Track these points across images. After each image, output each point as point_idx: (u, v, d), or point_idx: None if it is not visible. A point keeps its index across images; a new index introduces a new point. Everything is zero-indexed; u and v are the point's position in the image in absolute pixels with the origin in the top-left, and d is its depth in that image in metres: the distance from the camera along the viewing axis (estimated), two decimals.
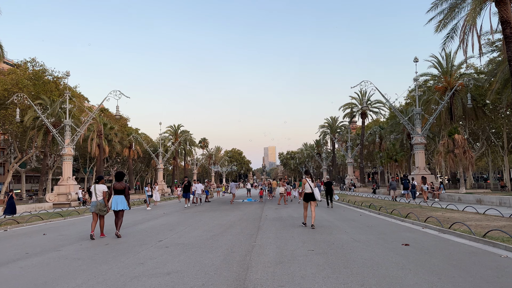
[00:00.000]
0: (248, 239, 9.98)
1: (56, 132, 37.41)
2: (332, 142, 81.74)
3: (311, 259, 7.32)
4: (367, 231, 11.16)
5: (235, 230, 12.10)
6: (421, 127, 36.52)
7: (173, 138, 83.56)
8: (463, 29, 22.96)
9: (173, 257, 7.85)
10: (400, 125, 56.32)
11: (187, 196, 26.31)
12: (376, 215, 16.37)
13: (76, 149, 62.50)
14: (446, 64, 44.64)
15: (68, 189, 36.16)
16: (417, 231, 11.07)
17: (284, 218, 15.86)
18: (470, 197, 24.85)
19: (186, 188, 26.58)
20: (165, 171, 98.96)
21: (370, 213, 17.62)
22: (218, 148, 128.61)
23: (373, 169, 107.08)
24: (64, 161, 37.13)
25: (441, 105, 36.69)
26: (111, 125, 56.63)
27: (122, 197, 11.29)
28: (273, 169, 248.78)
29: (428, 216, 13.03)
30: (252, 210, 21.22)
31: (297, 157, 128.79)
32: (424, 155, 37.22)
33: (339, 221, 14.28)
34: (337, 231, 11.36)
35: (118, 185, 11.35)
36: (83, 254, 8.50)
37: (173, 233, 11.64)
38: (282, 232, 11.32)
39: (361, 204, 21.37)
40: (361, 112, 62.02)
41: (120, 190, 11.32)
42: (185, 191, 26.49)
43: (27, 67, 46.10)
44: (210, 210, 22.16)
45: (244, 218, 16.05)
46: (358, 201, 23.67)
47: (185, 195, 26.51)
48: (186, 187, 26.69)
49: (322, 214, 17.40)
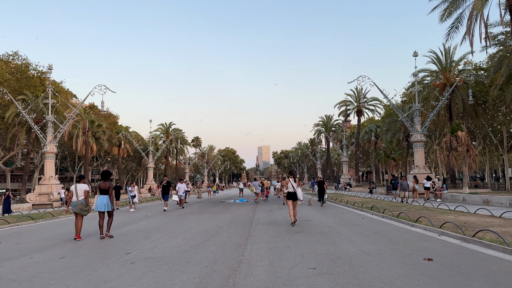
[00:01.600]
0: (235, 251, 8.24)
1: (38, 129, 35.34)
2: (326, 141, 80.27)
3: (313, 283, 5.60)
4: (376, 240, 9.48)
5: (221, 238, 10.35)
6: (421, 124, 35.06)
7: (164, 136, 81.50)
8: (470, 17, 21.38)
9: (135, 279, 6.08)
10: (396, 123, 54.91)
11: (166, 198, 22.81)
12: (380, 219, 14.72)
13: (65, 147, 60.76)
14: (445, 59, 43.20)
15: (50, 188, 34.16)
16: (434, 240, 9.42)
17: (278, 222, 14.15)
18: (475, 197, 23.34)
19: (165, 189, 23.17)
20: (157, 170, 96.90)
21: (373, 216, 15.97)
22: (211, 147, 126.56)
23: (368, 168, 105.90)
24: (46, 159, 35.13)
25: (441, 101, 35.18)
26: (99, 122, 54.41)
27: (107, 198, 10.95)
28: (266, 168, 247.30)
29: (444, 221, 11.38)
30: (243, 212, 19.48)
31: (291, 156, 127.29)
32: (423, 154, 35.72)
33: (340, 226, 12.59)
34: (341, 239, 9.67)
35: (103, 185, 11.00)
36: (22, 274, 6.71)
37: (147, 242, 9.86)
38: (276, 241, 9.60)
39: (362, 205, 19.70)
40: (357, 110, 60.49)
41: (105, 190, 10.97)
42: (164, 193, 23.00)
43: (9, 61, 43.88)
44: (198, 212, 20.39)
45: (233, 222, 14.30)
46: (357, 202, 22.02)
47: (164, 196, 22.91)
48: (165, 188, 23.23)
49: (319, 216, 15.72)
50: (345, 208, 20.80)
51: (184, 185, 25.58)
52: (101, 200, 10.88)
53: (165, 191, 22.93)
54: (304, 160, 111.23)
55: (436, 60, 43.18)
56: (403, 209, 17.41)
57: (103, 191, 11.01)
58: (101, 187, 11.00)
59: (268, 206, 23.68)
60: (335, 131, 79.30)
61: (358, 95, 60.28)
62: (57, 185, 34.81)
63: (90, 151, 52.17)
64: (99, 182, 11.88)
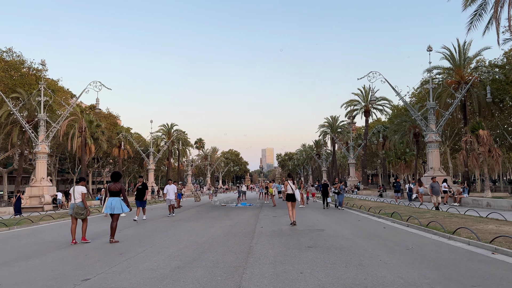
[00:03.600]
0: (229, 278, 6.10)
1: (30, 128, 33.40)
2: (332, 142, 77.82)
3: None
4: (414, 260, 7.31)
5: (213, 255, 8.19)
6: (435, 123, 32.81)
7: (166, 137, 79.49)
8: (497, 1, 19.16)
9: None
10: (406, 124, 52.60)
11: (139, 204, 17.67)
12: (404, 228, 12.51)
13: (65, 148, 58.65)
14: (458, 56, 40.79)
15: (42, 191, 32.22)
16: (489, 261, 7.23)
17: (284, 232, 11.97)
18: (502, 202, 21.06)
19: (140, 192, 17.70)
20: (160, 172, 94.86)
21: (394, 224, 13.75)
22: (214, 148, 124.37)
23: (374, 170, 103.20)
24: (37, 160, 33.24)
25: (458, 98, 32.93)
26: (97, 122, 52.36)
27: (117, 200, 10.43)
28: (270, 171, 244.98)
29: (494, 234, 9.18)
30: (245, 218, 17.31)
31: (295, 158, 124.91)
32: (439, 154, 33.47)
33: (361, 238, 10.39)
34: (368, 258, 7.49)
35: (113, 186, 10.52)
36: None
37: (119, 261, 7.72)
38: (285, 261, 7.42)
39: (379, 211, 17.47)
40: (365, 110, 58.11)
41: (115, 191, 10.49)
42: (138, 197, 17.73)
43: (2, 57, 42.04)
44: (194, 218, 18.23)
45: (232, 232, 12.13)
46: (373, 208, 19.79)
47: (137, 203, 17.73)
48: (139, 192, 17.73)
49: (332, 224, 13.51)
50: (359, 214, 18.57)
51: (174, 186, 20.48)
52: (110, 202, 10.37)
53: (140, 196, 17.71)
54: (309, 163, 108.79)
55: (449, 57, 40.81)
56: (427, 216, 15.21)
57: (113, 193, 10.48)
58: (111, 189, 10.49)
59: (273, 211, 21.53)
60: (341, 132, 76.90)
61: (366, 95, 57.98)
62: (49, 187, 32.87)
63: (88, 152, 50.23)
64: (108, 184, 10.69)
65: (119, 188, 10.54)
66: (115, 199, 10.42)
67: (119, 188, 10.54)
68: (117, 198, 10.45)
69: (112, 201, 10.39)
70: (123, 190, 10.56)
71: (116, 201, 10.38)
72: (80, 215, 10.30)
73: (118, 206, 10.34)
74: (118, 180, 10.73)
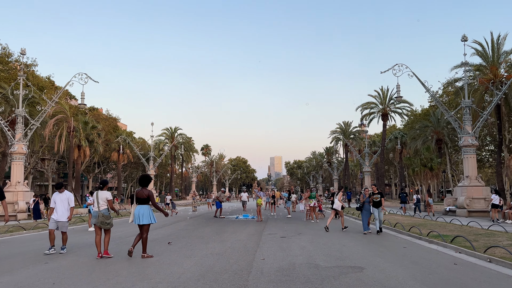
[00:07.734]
0: None
1: (5, 124, 29.31)
2: (345, 149, 72.97)
3: None
4: None
5: None
6: (471, 125, 28.15)
7: (169, 142, 75.50)
8: None
9: None
10: (427, 128, 47.85)
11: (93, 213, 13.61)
12: (484, 264, 7.91)
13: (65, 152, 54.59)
14: (492, 52, 36.05)
15: (16, 196, 28.11)
16: None
17: (299, 271, 7.43)
18: None
19: None
20: (164, 179, 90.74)
21: (460, 254, 9.12)
22: (221, 155, 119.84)
23: (388, 179, 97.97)
24: (13, 161, 29.17)
25: (498, 96, 28.30)
26: (93, 123, 48.28)
27: (146, 208, 9.10)
28: (279, 179, 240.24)
29: None
30: (242, 240, 12.70)
31: (304, 166, 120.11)
32: (475, 161, 28.70)
33: None
34: None
35: (140, 193, 9.19)
36: None
37: None
38: None
39: (428, 233, 12.68)
40: (382, 113, 53.27)
41: (142, 199, 9.11)
42: None
43: None
44: (175, 237, 13.73)
45: (212, 272, 7.54)
46: (409, 225, 15.09)
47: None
48: None
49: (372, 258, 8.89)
50: (398, 236, 13.88)
51: None
52: (138, 211, 9.09)
53: None
54: (319, 171, 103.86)
55: (481, 51, 36.12)
56: (498, 239, 10.61)
57: (140, 200, 9.15)
58: (138, 195, 9.21)
59: (281, 227, 16.94)
60: (354, 138, 72.12)
61: (383, 97, 53.25)
62: (25, 193, 28.73)
63: (83, 155, 46.23)
64: (136, 189, 9.50)
65: (146, 195, 9.21)
66: (143, 207, 9.16)
67: (147, 195, 9.21)
68: (146, 206, 9.18)
69: (139, 210, 9.13)
70: (151, 197, 9.23)
71: (144, 210, 9.10)
72: (106, 224, 9.22)
73: (147, 215, 9.04)
74: (147, 185, 9.41)
